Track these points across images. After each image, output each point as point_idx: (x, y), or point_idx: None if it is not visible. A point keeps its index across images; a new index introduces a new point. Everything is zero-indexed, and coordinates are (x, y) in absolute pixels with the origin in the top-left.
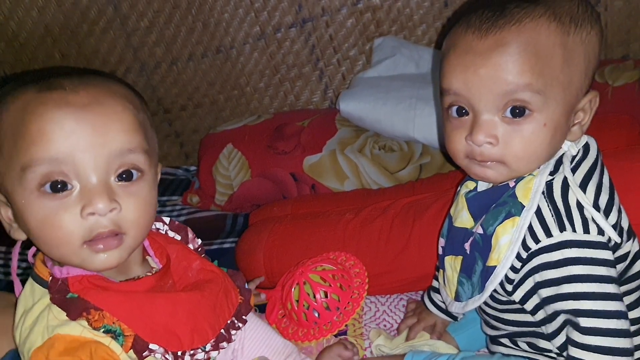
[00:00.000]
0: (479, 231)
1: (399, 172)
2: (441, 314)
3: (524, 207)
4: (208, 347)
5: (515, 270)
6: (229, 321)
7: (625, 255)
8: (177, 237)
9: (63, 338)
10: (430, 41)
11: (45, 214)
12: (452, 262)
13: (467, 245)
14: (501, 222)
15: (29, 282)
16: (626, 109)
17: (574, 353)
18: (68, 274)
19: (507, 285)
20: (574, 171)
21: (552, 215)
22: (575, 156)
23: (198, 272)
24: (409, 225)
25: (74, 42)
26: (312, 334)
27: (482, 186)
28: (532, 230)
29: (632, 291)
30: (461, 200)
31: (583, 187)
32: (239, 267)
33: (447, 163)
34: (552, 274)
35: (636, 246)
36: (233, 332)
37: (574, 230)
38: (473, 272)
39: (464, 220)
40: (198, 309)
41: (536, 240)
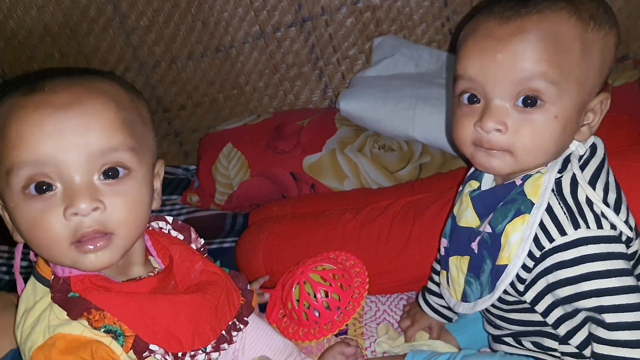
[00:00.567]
0: (487, 230)
1: (398, 172)
2: (436, 315)
3: (533, 204)
4: (209, 349)
5: (527, 269)
6: (230, 323)
7: (633, 254)
8: (180, 237)
9: (64, 337)
10: (430, 40)
11: (32, 215)
12: (457, 263)
13: (474, 244)
14: (511, 220)
15: (31, 281)
16: (626, 108)
17: (601, 350)
18: (70, 273)
19: (518, 285)
20: (582, 169)
21: (565, 213)
22: (582, 155)
23: (200, 273)
24: (409, 224)
25: (73, 41)
26: (313, 333)
27: (487, 185)
28: (545, 228)
29: None
30: (465, 199)
31: (592, 184)
32: (238, 267)
33: (447, 162)
34: (569, 273)
35: None
36: (234, 334)
37: (587, 227)
38: (482, 271)
39: (469, 219)
40: (199, 311)
41: (550, 239)
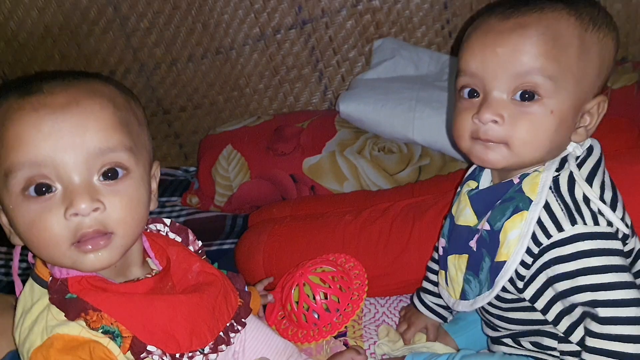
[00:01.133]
0: (486, 227)
1: (398, 174)
2: (431, 314)
3: (531, 201)
4: (206, 350)
5: (526, 266)
6: (228, 324)
7: (630, 252)
8: (178, 239)
9: (62, 337)
10: (429, 43)
11: (32, 217)
12: (455, 262)
13: (472, 242)
14: (509, 217)
15: (29, 282)
16: (625, 111)
17: (594, 343)
18: (68, 275)
19: (518, 282)
20: (578, 167)
21: (562, 210)
22: (579, 156)
23: (198, 274)
24: (409, 227)
25: (73, 42)
26: (312, 335)
27: (484, 184)
28: (542, 225)
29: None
30: (464, 198)
31: (589, 182)
32: (238, 269)
33: (446, 165)
34: (566, 267)
35: (638, 244)
36: (232, 335)
37: (584, 223)
38: (480, 269)
39: (467, 218)
40: (197, 311)
41: (547, 235)
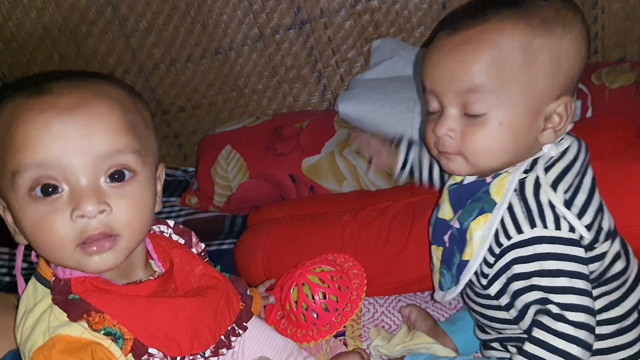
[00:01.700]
0: (456, 225)
1: None
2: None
3: (496, 204)
4: (207, 353)
5: (489, 265)
6: (229, 328)
7: (601, 255)
8: (181, 241)
9: (64, 338)
10: (428, 43)
11: (38, 218)
12: (436, 252)
13: (446, 237)
14: (475, 218)
15: (32, 282)
16: (623, 111)
17: (539, 335)
18: (71, 275)
19: (482, 280)
20: (547, 170)
21: (523, 212)
22: (552, 157)
23: (200, 277)
24: (408, 226)
25: (72, 43)
26: (311, 335)
27: (470, 178)
28: (504, 226)
29: (613, 291)
30: (445, 191)
31: (554, 186)
32: (237, 268)
33: None
34: (523, 268)
35: (616, 247)
36: (233, 339)
37: (545, 227)
38: (452, 264)
39: (445, 211)
40: (199, 315)
41: (507, 237)
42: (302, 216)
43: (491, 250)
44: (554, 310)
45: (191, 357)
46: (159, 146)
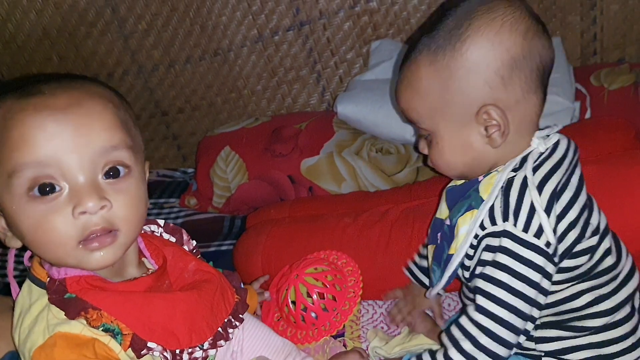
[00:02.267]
0: (447, 222)
1: (396, 175)
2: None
3: (483, 201)
4: (206, 346)
5: (469, 257)
6: (226, 320)
7: (588, 249)
8: (172, 239)
9: (65, 336)
10: None
11: (37, 217)
12: (431, 251)
13: (439, 235)
14: (462, 214)
15: (26, 284)
16: (622, 112)
17: (462, 322)
18: (66, 275)
19: (465, 273)
20: (536, 170)
21: (501, 206)
22: (542, 154)
23: (194, 272)
24: (408, 232)
25: (71, 44)
26: (312, 335)
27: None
28: (482, 219)
29: (603, 285)
30: (444, 193)
31: (541, 187)
32: (236, 270)
33: None
34: (485, 256)
35: (607, 244)
36: (230, 331)
37: (514, 224)
38: (442, 260)
39: (442, 211)
40: (195, 308)
41: (482, 227)
42: (301, 217)
43: (472, 244)
44: (478, 301)
45: (190, 350)
46: (158, 147)
